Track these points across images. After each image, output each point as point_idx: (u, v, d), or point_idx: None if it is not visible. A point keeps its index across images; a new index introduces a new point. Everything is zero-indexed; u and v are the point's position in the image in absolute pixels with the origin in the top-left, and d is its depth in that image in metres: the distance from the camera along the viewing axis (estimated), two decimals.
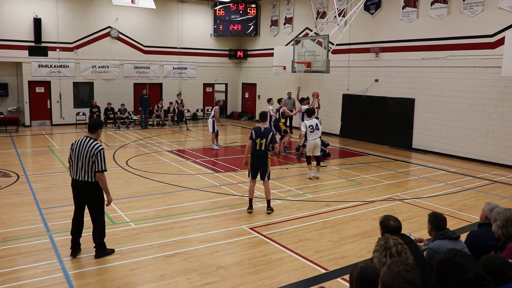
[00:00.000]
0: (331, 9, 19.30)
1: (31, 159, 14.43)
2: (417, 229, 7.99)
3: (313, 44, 18.10)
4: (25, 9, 21.05)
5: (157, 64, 24.92)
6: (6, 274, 6.12)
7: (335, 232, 8.01)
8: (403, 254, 3.51)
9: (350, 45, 19.51)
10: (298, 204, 9.74)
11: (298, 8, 22.90)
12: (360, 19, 18.49)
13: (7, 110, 21.55)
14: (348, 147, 17.69)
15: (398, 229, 4.45)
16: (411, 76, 17.00)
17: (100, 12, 22.95)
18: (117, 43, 23.60)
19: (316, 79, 21.37)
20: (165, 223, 8.31)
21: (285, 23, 23.84)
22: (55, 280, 5.96)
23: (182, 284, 5.92)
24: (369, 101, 18.78)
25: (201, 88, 26.73)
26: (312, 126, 11.90)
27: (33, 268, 6.35)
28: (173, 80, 25.62)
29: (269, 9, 25.10)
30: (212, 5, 25.97)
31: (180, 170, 13.03)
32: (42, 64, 21.81)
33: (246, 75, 27.51)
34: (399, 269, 2.76)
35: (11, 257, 6.66)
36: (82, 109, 22.82)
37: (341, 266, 6.54)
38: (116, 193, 10.30)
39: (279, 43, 23.41)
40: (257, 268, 6.45)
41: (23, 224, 8.16)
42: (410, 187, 11.73)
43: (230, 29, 26.26)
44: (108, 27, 23.22)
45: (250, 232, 7.90)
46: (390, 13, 17.82)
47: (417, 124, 16.93)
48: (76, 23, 22.44)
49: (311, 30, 20.29)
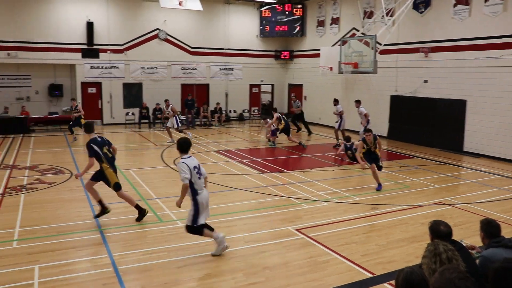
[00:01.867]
0: (378, 8, 18.97)
1: (83, 157, 14.89)
2: (468, 236, 7.72)
3: (360, 44, 17.88)
4: (78, 13, 21.89)
5: (204, 65, 25.27)
6: (61, 266, 6.39)
7: (382, 236, 7.87)
8: (454, 261, 3.39)
9: (398, 45, 19.10)
10: (344, 207, 9.63)
11: (344, 8, 22.64)
12: (409, 18, 18.06)
13: (61, 110, 22.49)
14: (396, 149, 17.32)
15: (448, 234, 4.28)
16: (462, 76, 16.44)
17: (149, 15, 23.53)
18: (165, 44, 24.12)
19: (363, 80, 21.05)
20: (212, 222, 8.35)
21: (331, 24, 23.62)
22: (105, 274, 6.16)
23: (227, 283, 5.97)
24: (417, 103, 18.31)
25: (247, 89, 26.91)
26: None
27: (85, 262, 6.60)
28: (220, 81, 25.92)
29: (315, 10, 24.95)
30: (258, 6, 26.08)
31: (227, 170, 13.16)
32: (94, 66, 22.61)
33: (293, 76, 27.45)
34: (451, 276, 2.67)
35: (65, 250, 6.95)
36: (131, 109, 23.51)
37: (388, 270, 6.41)
38: (163, 191, 10.55)
39: (326, 44, 23.23)
40: (302, 269, 6.42)
41: (76, 219, 8.48)
42: (461, 191, 11.35)
43: (276, 30, 26.29)
44: (156, 29, 23.77)
45: (296, 233, 7.88)
46: (440, 12, 17.31)
47: (468, 126, 16.36)
48: (126, 26, 23.12)
49: (358, 30, 20.05)
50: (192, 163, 6.67)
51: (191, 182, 6.58)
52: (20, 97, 21.89)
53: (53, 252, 6.85)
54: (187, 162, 6.65)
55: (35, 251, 6.91)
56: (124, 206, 9.30)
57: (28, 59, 21.23)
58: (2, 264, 6.41)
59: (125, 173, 12.33)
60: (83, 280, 6.01)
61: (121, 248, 7.13)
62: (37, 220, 8.35)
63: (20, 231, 7.80)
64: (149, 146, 17.37)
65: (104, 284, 5.89)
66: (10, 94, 21.47)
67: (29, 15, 21.06)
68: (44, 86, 22.34)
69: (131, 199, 8.49)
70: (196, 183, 6.63)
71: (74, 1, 21.81)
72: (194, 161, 6.76)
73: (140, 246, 7.14)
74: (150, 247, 7.12)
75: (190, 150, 6.97)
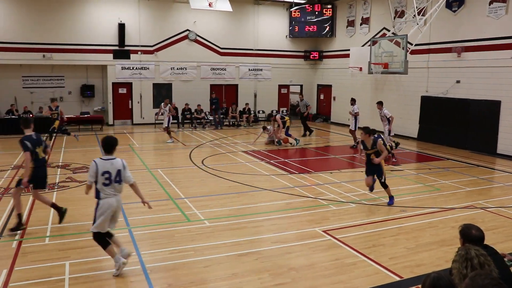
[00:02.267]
0: (410, 8, 18.65)
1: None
2: (502, 241, 7.52)
3: (391, 44, 17.62)
4: (110, 15, 22.34)
5: (233, 66, 25.38)
6: (91, 263, 6.54)
7: (411, 239, 7.73)
8: (486, 267, 3.26)
9: (430, 45, 18.74)
10: (372, 208, 9.51)
11: (375, 7, 22.37)
12: (441, 18, 17.68)
13: (93, 110, 22.98)
14: (426, 151, 17.00)
15: (480, 239, 4.15)
16: (497, 76, 16.01)
17: (179, 16, 23.78)
18: (194, 45, 24.33)
19: (393, 80, 20.74)
20: (239, 223, 8.43)
21: (361, 24, 23.38)
22: (133, 272, 6.25)
23: (253, 284, 5.97)
24: (449, 104, 17.92)
25: (276, 89, 26.89)
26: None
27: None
28: (249, 81, 25.99)
29: (345, 10, 24.73)
30: (288, 6, 26.02)
31: (254, 170, 13.18)
32: (125, 67, 23.00)
33: (322, 77, 27.28)
34: (484, 282, 2.57)
35: (95, 247, 7.04)
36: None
37: (416, 274, 6.29)
38: (191, 191, 10.64)
39: (356, 44, 23.00)
40: (329, 271, 6.37)
41: None
42: (494, 195, 11.05)
43: (305, 30, 26.17)
44: (186, 30, 24.00)
45: (323, 235, 7.82)
46: (474, 10, 16.90)
47: (503, 128, 15.90)
48: (156, 27, 23.43)
49: (389, 30, 19.75)
50: (105, 167, 6.00)
51: (97, 185, 6.07)
52: (54, 97, 22.41)
53: (83, 249, 7.00)
54: (99, 164, 6.01)
55: (66, 247, 7.07)
56: (152, 205, 9.40)
57: (62, 60, 21.80)
58: (35, 259, 6.59)
59: (153, 173, 12.49)
60: (112, 277, 6.11)
61: (149, 246, 7.22)
62: (68, 217, 8.52)
63: (52, 228, 8.00)
64: (177, 146, 17.55)
65: (131, 281, 5.98)
66: (44, 95, 22.06)
67: (63, 17, 21.60)
68: (76, 86, 22.87)
69: (47, 200, 8.45)
70: (101, 189, 6.05)
71: (106, 3, 22.25)
72: (110, 166, 6.05)
73: (168, 245, 7.22)
74: (177, 246, 7.19)
75: (114, 151, 6.27)
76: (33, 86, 22.05)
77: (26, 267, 6.33)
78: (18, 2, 20.78)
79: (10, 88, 21.42)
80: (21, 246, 7.10)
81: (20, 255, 6.76)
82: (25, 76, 21.83)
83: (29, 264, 6.42)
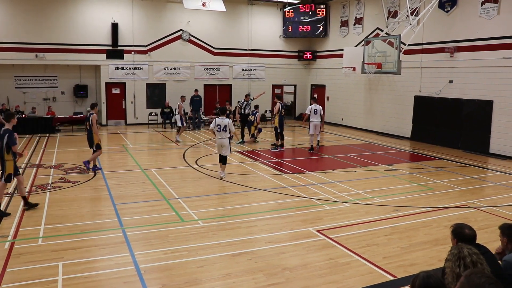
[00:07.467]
0: (403, 8, 18.72)
1: (107, 156, 15.16)
2: (494, 240, 7.53)
3: (384, 44, 17.67)
4: (103, 15, 22.26)
5: (227, 66, 25.37)
6: (84, 263, 6.50)
7: (404, 238, 7.76)
8: (479, 265, 3.29)
9: (423, 45, 18.82)
10: (366, 208, 9.53)
11: (368, 8, 22.43)
12: (434, 18, 17.77)
13: (86, 110, 22.84)
14: (419, 150, 17.07)
15: (473, 238, 4.19)
16: (489, 76, 16.10)
17: (173, 16, 23.73)
18: (188, 45, 24.29)
19: (387, 80, 20.82)
20: (232, 223, 8.43)
21: (355, 24, 23.43)
22: (127, 272, 6.23)
23: (247, 284, 5.97)
24: (442, 103, 18.01)
25: (270, 89, 26.90)
26: (220, 126, 11.77)
27: (107, 260, 6.68)
28: (242, 81, 25.98)
29: (338, 10, 24.78)
30: (281, 6, 26.03)
31: (248, 170, 13.17)
32: (118, 67, 22.93)
33: (315, 77, 27.31)
34: (480, 281, 2.57)
35: (88, 248, 7.06)
36: (154, 109, 23.76)
37: (410, 273, 6.30)
38: (185, 191, 10.62)
39: (349, 44, 23.04)
40: (323, 271, 6.38)
41: (99, 218, 8.61)
42: (487, 194, 11.12)
43: (299, 30, 26.20)
44: (180, 30, 23.96)
45: (316, 234, 7.83)
46: (467, 10, 16.98)
47: (495, 128, 16.01)
48: (150, 27, 23.38)
49: (382, 30, 19.81)
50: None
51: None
52: (46, 97, 22.37)
53: (77, 250, 6.97)
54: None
55: (60, 248, 7.04)
56: (146, 205, 9.42)
57: (55, 60, 21.69)
58: (28, 260, 6.55)
59: (147, 173, 12.47)
60: (105, 278, 6.10)
61: (143, 247, 7.20)
62: (62, 218, 8.50)
63: (45, 229, 7.95)
64: (171, 146, 17.51)
65: (125, 282, 5.96)
66: (37, 95, 21.97)
67: (56, 17, 21.49)
68: (69, 86, 22.77)
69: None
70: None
71: (99, 3, 22.17)
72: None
73: (162, 245, 7.20)
74: (171, 246, 7.17)
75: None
76: (25, 86, 21.93)
77: (19, 268, 6.29)
78: (10, 2, 20.65)
79: (2, 88, 21.29)
80: (14, 247, 7.05)
81: (12, 256, 6.71)
82: (17, 76, 21.71)
83: (22, 265, 6.38)
